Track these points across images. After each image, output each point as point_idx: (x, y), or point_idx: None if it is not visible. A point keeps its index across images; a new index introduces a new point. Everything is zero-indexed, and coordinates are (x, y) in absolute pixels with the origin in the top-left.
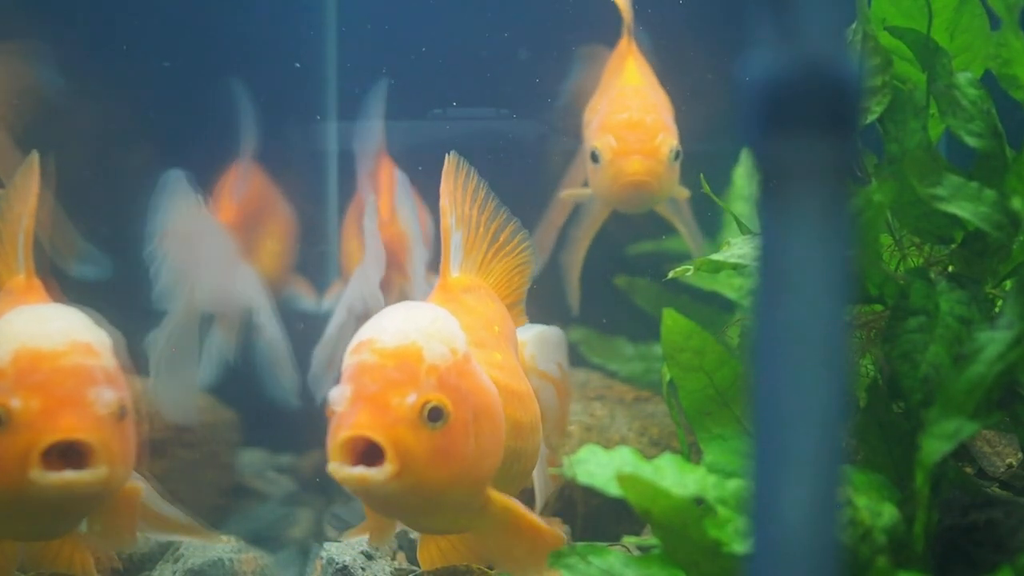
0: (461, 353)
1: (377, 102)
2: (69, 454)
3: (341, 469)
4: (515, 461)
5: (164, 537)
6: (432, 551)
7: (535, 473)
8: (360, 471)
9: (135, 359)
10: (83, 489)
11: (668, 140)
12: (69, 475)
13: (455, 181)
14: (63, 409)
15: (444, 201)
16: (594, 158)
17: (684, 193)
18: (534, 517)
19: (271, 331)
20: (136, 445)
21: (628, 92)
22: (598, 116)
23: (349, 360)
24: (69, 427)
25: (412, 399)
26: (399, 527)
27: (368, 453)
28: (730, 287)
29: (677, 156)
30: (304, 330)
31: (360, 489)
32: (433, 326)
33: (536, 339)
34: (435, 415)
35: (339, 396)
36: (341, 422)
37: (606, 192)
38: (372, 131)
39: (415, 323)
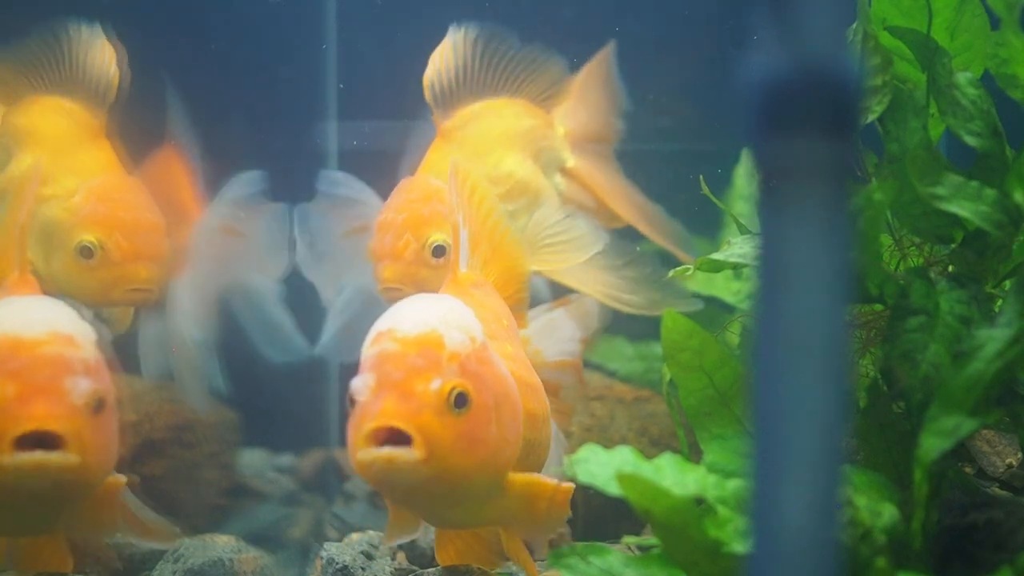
0: (479, 341)
1: None
2: (44, 443)
3: (368, 453)
4: (530, 452)
5: (134, 539)
6: (449, 551)
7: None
8: (388, 451)
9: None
10: (54, 473)
11: (417, 239)
12: (39, 456)
13: (461, 181)
14: (37, 397)
15: (452, 200)
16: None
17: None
18: (548, 480)
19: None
20: (116, 439)
21: (400, 187)
22: None
23: (369, 350)
24: (42, 416)
25: (436, 385)
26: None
27: (393, 442)
28: (728, 291)
29: (439, 252)
30: None
31: (386, 476)
32: (451, 314)
33: (540, 331)
34: (459, 401)
35: (362, 385)
36: (366, 411)
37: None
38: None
39: (433, 312)
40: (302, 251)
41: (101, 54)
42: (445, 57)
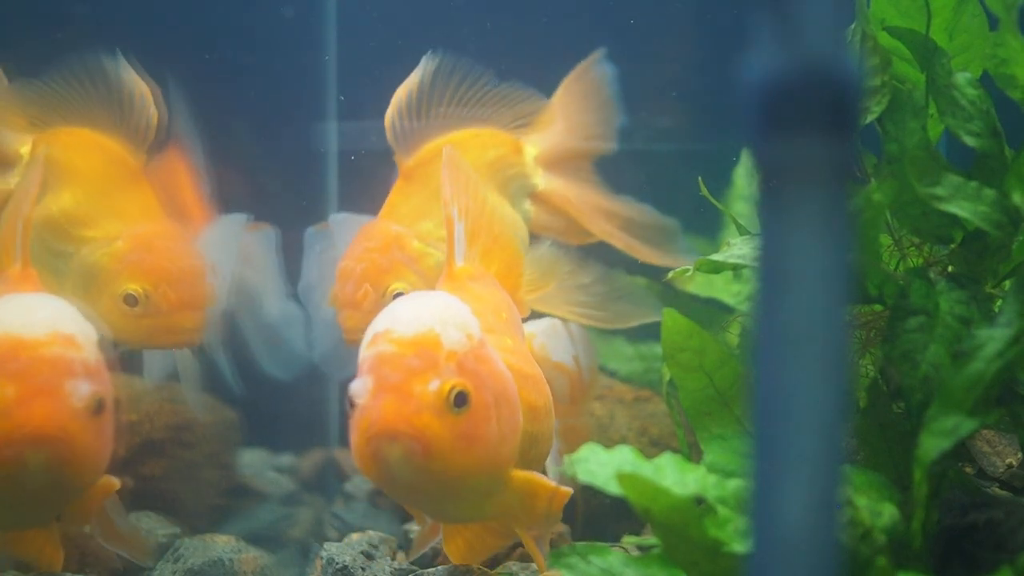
0: (476, 338)
1: None
2: (42, 445)
3: (370, 456)
4: (532, 445)
5: (108, 546)
6: (459, 542)
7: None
8: (390, 455)
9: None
10: (50, 476)
11: (376, 288)
12: (36, 459)
13: (455, 173)
14: (37, 399)
15: (446, 193)
16: None
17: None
18: (548, 481)
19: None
20: (111, 438)
21: (361, 233)
22: None
23: (366, 352)
24: (41, 418)
25: (434, 385)
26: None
27: (394, 444)
28: (728, 292)
29: (397, 295)
30: None
31: (389, 477)
32: (447, 312)
33: (546, 330)
34: (458, 400)
35: (361, 388)
36: (366, 414)
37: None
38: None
39: (429, 311)
40: (307, 275)
41: (141, 93)
42: (407, 97)
